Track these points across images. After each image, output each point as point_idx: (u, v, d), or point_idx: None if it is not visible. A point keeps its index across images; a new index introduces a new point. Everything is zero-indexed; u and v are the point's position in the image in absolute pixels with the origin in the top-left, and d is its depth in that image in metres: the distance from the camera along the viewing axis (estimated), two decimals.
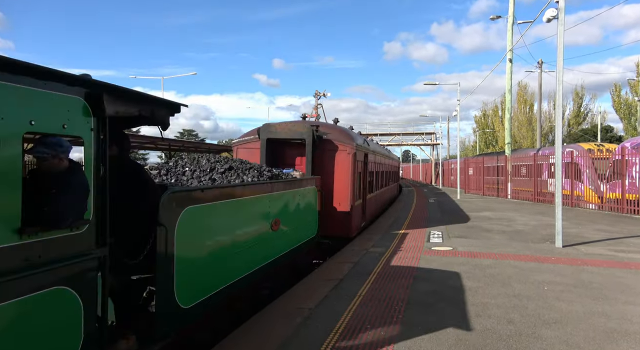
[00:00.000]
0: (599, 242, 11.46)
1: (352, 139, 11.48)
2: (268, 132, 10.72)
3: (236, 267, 5.49)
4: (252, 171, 6.92)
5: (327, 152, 10.95)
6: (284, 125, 11.01)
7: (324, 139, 10.96)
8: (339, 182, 10.88)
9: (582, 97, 54.94)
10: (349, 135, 11.82)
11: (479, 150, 66.61)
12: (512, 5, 28.40)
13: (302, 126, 10.88)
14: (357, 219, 11.90)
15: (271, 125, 10.88)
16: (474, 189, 35.94)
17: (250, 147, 11.29)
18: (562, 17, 10.79)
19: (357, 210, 11.80)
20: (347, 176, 10.94)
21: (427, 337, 4.97)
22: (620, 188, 18.93)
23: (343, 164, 10.96)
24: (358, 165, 11.72)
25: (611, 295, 6.71)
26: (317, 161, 10.68)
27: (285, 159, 11.14)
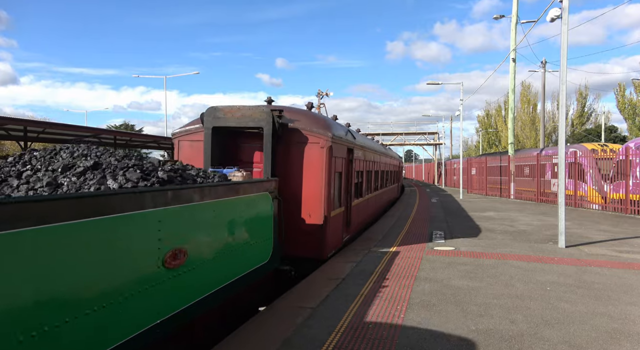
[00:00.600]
0: (602, 243, 11.42)
1: (327, 128, 8.69)
2: (214, 118, 8.07)
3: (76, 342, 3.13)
4: (133, 171, 4.52)
5: (293, 146, 8.42)
6: (235, 109, 8.10)
7: (289, 128, 8.41)
8: (309, 185, 8.36)
9: (585, 97, 54.80)
10: (324, 123, 8.99)
11: (482, 150, 66.47)
12: (515, 4, 28.31)
13: (258, 111, 8.01)
14: (334, 234, 9.21)
15: (218, 110, 8.11)
16: (476, 189, 35.86)
17: (195, 139, 8.78)
18: (565, 16, 10.75)
19: (334, 222, 9.18)
20: (320, 177, 8.37)
21: (430, 337, 4.96)
22: (624, 188, 18.85)
23: (314, 161, 8.39)
24: (337, 163, 9.19)
25: (614, 296, 6.69)
26: (280, 157, 8.32)
27: (241, 156, 8.77)
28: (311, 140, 8.48)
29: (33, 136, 21.10)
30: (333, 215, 8.99)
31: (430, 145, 57.54)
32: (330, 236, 8.82)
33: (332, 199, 8.82)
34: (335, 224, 9.23)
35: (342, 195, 10.01)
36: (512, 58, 28.69)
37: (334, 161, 8.82)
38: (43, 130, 20.22)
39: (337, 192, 9.43)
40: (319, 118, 9.39)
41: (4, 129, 18.84)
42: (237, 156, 8.76)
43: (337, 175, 9.44)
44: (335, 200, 9.30)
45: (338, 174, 9.49)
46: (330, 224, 8.77)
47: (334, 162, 8.82)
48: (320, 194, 8.40)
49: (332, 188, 8.84)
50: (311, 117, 9.11)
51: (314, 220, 8.41)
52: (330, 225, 8.74)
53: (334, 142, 8.73)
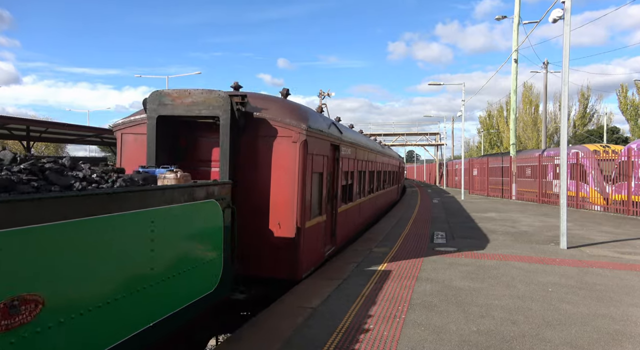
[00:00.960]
0: (604, 244, 11.40)
1: (302, 119, 7.13)
2: (159, 105, 6.60)
3: None
4: None
5: (259, 140, 6.99)
6: (185, 94, 6.59)
7: (254, 119, 6.96)
8: (279, 188, 6.93)
9: (587, 98, 54.75)
10: (298, 112, 7.39)
11: (484, 151, 66.43)
12: (517, 5, 28.29)
13: (213, 96, 6.53)
14: (311, 248, 7.67)
15: (164, 94, 6.62)
16: (478, 189, 35.83)
17: (141, 131, 7.20)
18: (568, 17, 10.74)
19: (312, 233, 7.66)
20: (292, 179, 6.90)
21: (431, 338, 4.96)
22: (626, 190, 18.81)
23: (285, 158, 6.94)
24: (316, 162, 7.75)
25: (616, 297, 6.68)
26: (243, 155, 6.95)
27: (197, 152, 7.32)
28: (281, 133, 6.96)
29: (35, 136, 21.15)
30: (310, 226, 7.45)
31: (431, 145, 57.54)
32: (305, 251, 7.24)
33: (308, 206, 7.31)
34: (313, 235, 7.70)
35: (323, 201, 8.43)
36: (514, 59, 28.66)
37: (311, 159, 7.37)
38: (45, 129, 20.28)
39: (316, 197, 7.98)
40: (293, 106, 7.61)
41: (7, 128, 18.88)
42: (193, 153, 7.27)
43: (317, 177, 8.00)
44: (314, 206, 7.80)
45: (318, 175, 8.06)
46: (306, 236, 7.22)
47: (311, 160, 7.37)
48: (292, 199, 6.88)
49: (309, 192, 7.32)
50: (283, 105, 7.48)
51: (284, 232, 6.90)
52: (305, 238, 7.19)
53: (310, 135, 7.19)
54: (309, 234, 7.42)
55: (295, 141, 6.93)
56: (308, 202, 7.32)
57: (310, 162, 7.34)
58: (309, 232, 7.42)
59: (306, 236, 7.24)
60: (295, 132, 6.95)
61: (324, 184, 8.45)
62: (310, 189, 7.40)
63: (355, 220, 12.40)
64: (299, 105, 7.98)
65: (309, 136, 7.14)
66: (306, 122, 7.13)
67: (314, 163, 7.59)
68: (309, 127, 7.13)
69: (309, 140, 7.17)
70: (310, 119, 7.44)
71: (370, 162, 14.58)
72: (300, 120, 7.10)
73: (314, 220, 7.77)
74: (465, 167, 38.07)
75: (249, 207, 6.80)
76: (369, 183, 14.62)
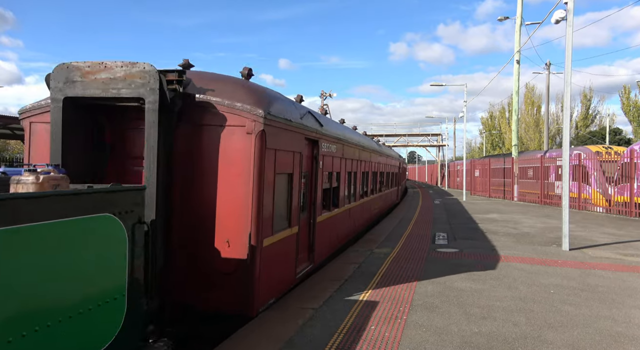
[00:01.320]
0: (607, 246, 11.36)
1: (260, 103, 5.58)
2: (67, 83, 5.03)
3: None
4: None
5: (202, 130, 5.48)
6: (100, 68, 5.05)
7: (196, 102, 5.46)
8: (228, 194, 5.41)
9: (590, 99, 54.61)
10: (255, 94, 5.82)
11: (486, 152, 66.33)
12: (520, 6, 28.26)
13: (135, 70, 5.00)
14: (274, 273, 6.06)
15: (73, 68, 5.04)
16: (480, 190, 35.77)
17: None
18: (570, 18, 10.72)
19: (275, 252, 6.03)
20: (246, 182, 5.35)
21: (432, 339, 4.95)
22: (628, 191, 18.76)
23: (236, 154, 5.41)
24: (283, 160, 6.17)
25: (618, 299, 6.65)
26: (180, 150, 5.44)
27: (127, 148, 5.74)
28: (232, 121, 5.39)
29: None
30: (272, 243, 5.84)
31: (433, 146, 57.50)
32: (264, 277, 5.60)
33: (269, 216, 5.71)
34: (276, 255, 6.07)
35: (294, 209, 6.76)
36: (516, 60, 28.62)
37: (273, 156, 5.79)
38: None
39: (282, 205, 6.37)
40: (250, 87, 6.00)
41: (9, 128, 18.93)
42: (122, 149, 5.71)
43: (284, 179, 6.45)
44: (279, 217, 6.17)
45: (286, 177, 6.50)
46: (265, 256, 5.62)
47: (273, 157, 5.79)
48: (245, 208, 5.31)
49: (270, 199, 5.76)
50: (237, 86, 5.86)
51: (234, 251, 5.32)
52: (264, 259, 5.57)
53: (272, 125, 5.62)
54: (269, 253, 5.78)
55: (250, 132, 5.35)
56: (269, 212, 5.72)
57: (272, 160, 5.78)
58: (269, 251, 5.77)
59: (265, 257, 5.62)
60: (249, 119, 5.35)
61: (294, 187, 6.77)
62: (272, 194, 5.80)
63: (344, 229, 10.73)
64: (260, 87, 6.29)
65: (270, 126, 5.60)
66: (265, 107, 5.54)
67: (278, 161, 5.99)
68: (269, 114, 5.53)
69: (270, 130, 5.60)
70: (273, 104, 5.88)
71: (363, 162, 13.14)
72: (258, 104, 5.46)
73: (278, 236, 6.09)
74: (467, 168, 38.03)
75: (187, 220, 5.38)
76: (361, 186, 13.13)
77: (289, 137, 6.45)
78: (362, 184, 13.33)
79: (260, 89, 6.29)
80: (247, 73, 6.52)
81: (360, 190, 13.05)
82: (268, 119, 5.51)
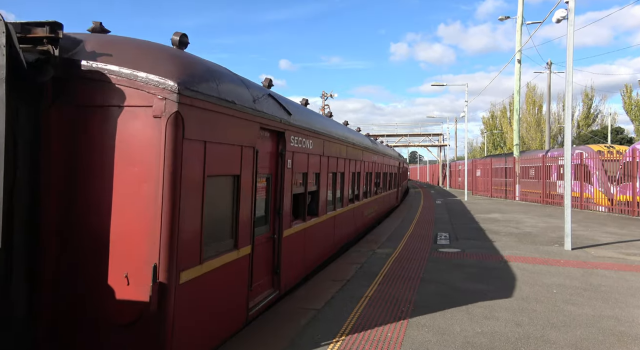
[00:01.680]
0: (609, 245, 11.34)
1: (177, 73, 3.89)
2: None
3: None
4: None
5: (90, 112, 3.92)
6: None
7: (81, 71, 3.87)
8: (126, 208, 3.84)
9: (591, 99, 54.56)
10: (170, 61, 4.08)
11: (487, 152, 66.28)
12: (521, 5, 28.23)
13: None
14: (206, 317, 4.38)
15: None
16: (481, 190, 35.74)
17: None
18: (572, 17, 10.71)
19: (208, 288, 4.36)
20: (153, 189, 3.77)
21: (435, 339, 4.94)
22: (630, 190, 18.71)
23: (139, 150, 3.84)
24: (218, 156, 4.51)
25: (621, 298, 6.63)
26: (54, 141, 3.87)
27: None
28: (133, 99, 3.82)
29: None
30: (201, 274, 4.21)
31: (434, 146, 57.44)
32: (188, 324, 4.02)
33: (193, 238, 4.09)
34: (210, 289, 4.41)
35: (241, 224, 5.00)
36: (517, 59, 28.59)
37: (202, 151, 4.18)
38: None
39: (220, 219, 4.72)
40: (168, 53, 4.26)
41: None
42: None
43: (224, 184, 4.77)
44: (214, 237, 4.53)
45: (226, 181, 4.81)
46: (189, 294, 4.03)
47: (202, 153, 4.19)
48: (152, 228, 3.75)
49: (198, 211, 4.14)
50: (143, 49, 4.21)
51: (136, 291, 3.75)
52: (188, 299, 4.00)
53: (197, 106, 4.02)
54: (197, 289, 4.15)
55: (159, 115, 3.73)
56: (193, 231, 4.08)
57: (198, 157, 4.13)
58: (196, 286, 4.12)
59: (189, 296, 4.02)
60: (158, 97, 3.74)
61: (244, 194, 5.06)
62: (201, 206, 4.17)
63: (327, 241, 9.06)
64: (188, 56, 4.48)
65: (194, 107, 3.96)
66: (185, 79, 3.89)
67: (212, 158, 4.34)
68: (190, 89, 3.90)
69: (193, 114, 3.95)
70: (202, 78, 4.19)
71: (353, 162, 11.28)
72: (172, 75, 3.81)
73: (213, 263, 4.42)
74: (469, 168, 38.01)
75: (66, 245, 3.84)
76: (350, 189, 11.31)
77: (233, 125, 4.75)
78: (352, 187, 11.58)
79: (187, 57, 4.40)
80: (179, 40, 4.53)
81: (350, 194, 11.30)
82: (187, 96, 3.83)
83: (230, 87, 4.77)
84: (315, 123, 8.13)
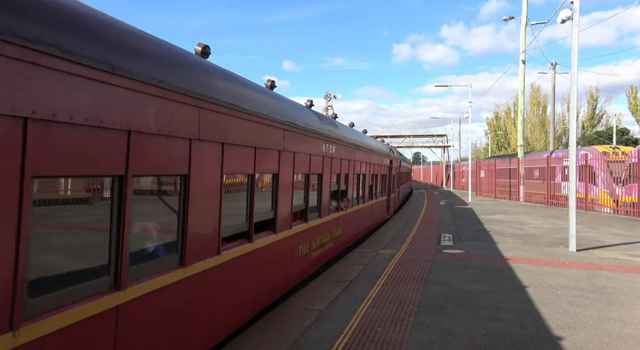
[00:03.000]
0: (614, 247, 11.26)
1: None
2: None
3: None
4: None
5: None
6: None
7: None
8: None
9: (596, 99, 54.25)
10: None
11: (491, 153, 66.06)
12: (525, 6, 28.13)
13: None
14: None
15: None
16: (485, 191, 35.60)
17: None
18: (576, 18, 10.66)
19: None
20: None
21: (439, 341, 4.92)
22: (636, 191, 18.59)
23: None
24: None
25: (627, 300, 6.58)
26: None
27: None
28: None
29: None
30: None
31: (438, 147, 57.32)
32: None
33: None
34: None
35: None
36: (521, 60, 28.50)
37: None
38: None
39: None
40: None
41: None
42: None
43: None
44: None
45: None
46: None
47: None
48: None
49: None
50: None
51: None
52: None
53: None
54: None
55: None
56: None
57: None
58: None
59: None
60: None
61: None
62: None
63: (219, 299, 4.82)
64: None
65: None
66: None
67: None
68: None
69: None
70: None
71: (287, 155, 6.44)
72: None
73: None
74: (473, 168, 37.88)
75: None
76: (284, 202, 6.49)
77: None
78: (275, 199, 6.27)
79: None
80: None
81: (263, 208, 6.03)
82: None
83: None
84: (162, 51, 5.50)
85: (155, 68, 3.51)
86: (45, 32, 2.52)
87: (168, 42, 4.13)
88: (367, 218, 13.23)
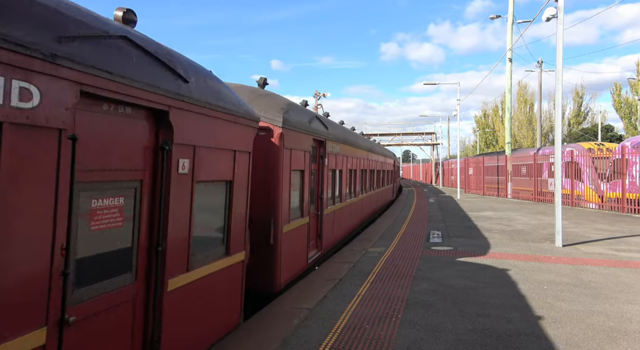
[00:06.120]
0: (599, 242, 11.45)
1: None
2: None
3: None
4: None
5: None
6: None
7: None
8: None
9: (582, 97, 54.94)
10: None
11: (479, 150, 66.60)
12: (511, 4, 28.40)
13: None
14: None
15: None
16: (474, 188, 35.91)
17: None
18: (561, 16, 10.79)
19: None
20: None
21: (427, 337, 4.96)
22: (620, 187, 18.91)
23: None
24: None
25: (611, 294, 6.70)
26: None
27: None
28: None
29: None
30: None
31: (427, 145, 57.63)
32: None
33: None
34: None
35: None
36: (508, 58, 28.77)
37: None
38: None
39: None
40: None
41: None
42: None
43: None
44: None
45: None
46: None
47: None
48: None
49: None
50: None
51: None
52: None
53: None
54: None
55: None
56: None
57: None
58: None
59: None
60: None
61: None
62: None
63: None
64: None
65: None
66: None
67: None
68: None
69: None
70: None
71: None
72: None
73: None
74: (461, 166, 38.19)
75: None
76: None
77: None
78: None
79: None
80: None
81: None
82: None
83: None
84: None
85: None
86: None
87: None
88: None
